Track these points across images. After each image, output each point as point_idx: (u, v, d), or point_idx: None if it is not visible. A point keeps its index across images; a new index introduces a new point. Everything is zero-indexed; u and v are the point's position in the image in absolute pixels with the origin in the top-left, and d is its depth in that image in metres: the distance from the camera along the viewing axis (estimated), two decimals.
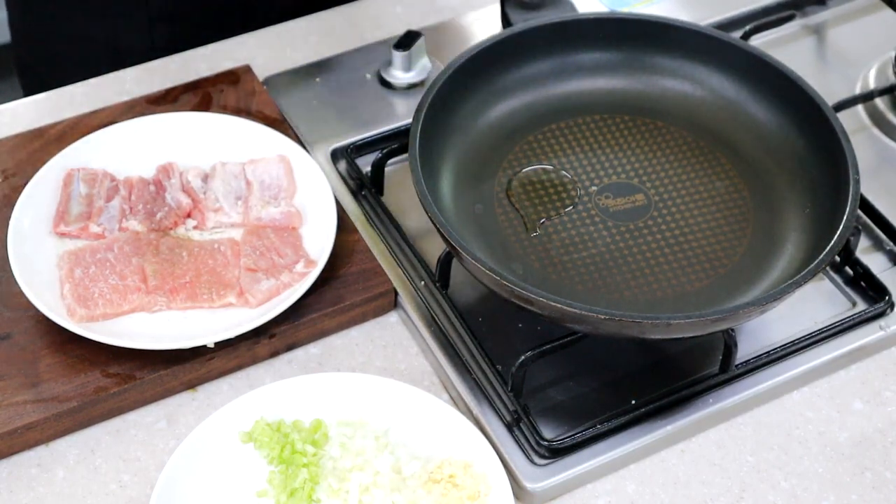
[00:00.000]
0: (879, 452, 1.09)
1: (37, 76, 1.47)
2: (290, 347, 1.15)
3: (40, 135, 1.27)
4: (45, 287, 1.12)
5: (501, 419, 1.08)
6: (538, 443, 1.06)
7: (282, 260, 1.15)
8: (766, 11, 1.43)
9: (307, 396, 1.07)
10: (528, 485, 1.04)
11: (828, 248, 1.04)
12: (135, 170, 1.23)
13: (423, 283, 1.17)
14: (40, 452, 1.08)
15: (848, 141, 1.13)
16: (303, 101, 1.33)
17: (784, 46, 1.42)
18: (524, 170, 1.20)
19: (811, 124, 1.17)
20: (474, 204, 1.16)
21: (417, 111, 1.13)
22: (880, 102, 1.35)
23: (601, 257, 1.13)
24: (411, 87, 1.34)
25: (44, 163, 1.21)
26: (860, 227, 1.20)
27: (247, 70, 1.35)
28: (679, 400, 1.10)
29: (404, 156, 1.15)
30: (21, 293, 1.11)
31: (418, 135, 1.11)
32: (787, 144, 1.20)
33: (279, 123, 1.29)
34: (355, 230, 1.20)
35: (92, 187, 1.20)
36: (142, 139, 1.24)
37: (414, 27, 1.38)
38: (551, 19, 1.23)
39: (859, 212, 1.22)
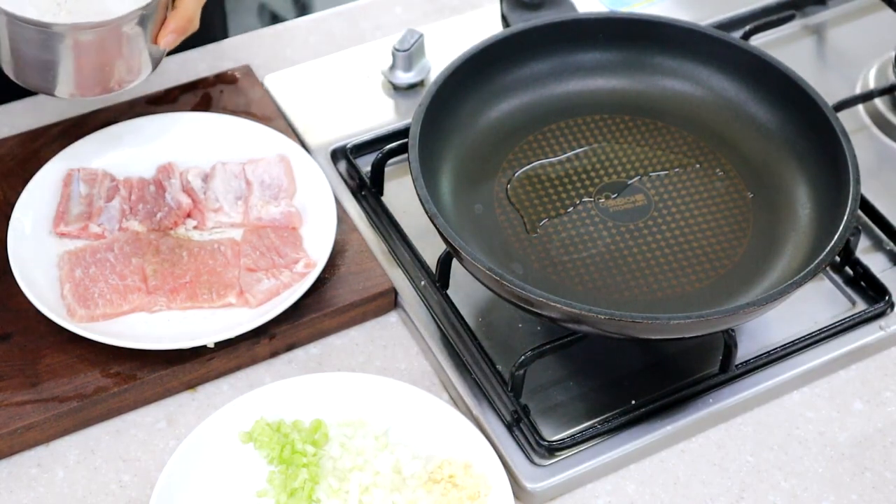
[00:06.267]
0: (879, 452, 1.09)
1: None
2: (290, 347, 1.15)
3: (40, 135, 1.27)
4: (45, 287, 1.12)
5: (501, 419, 1.08)
6: (538, 443, 1.06)
7: (282, 260, 1.15)
8: (766, 11, 1.43)
9: (307, 396, 1.07)
10: (528, 485, 1.04)
11: (828, 248, 1.04)
12: (135, 170, 1.23)
13: (423, 283, 1.17)
14: (40, 452, 1.08)
15: (848, 141, 1.13)
16: (303, 101, 1.33)
17: (784, 46, 1.42)
18: (524, 170, 1.20)
19: (811, 124, 1.17)
20: (474, 204, 1.16)
21: (417, 111, 1.13)
22: (880, 102, 1.35)
23: (601, 257, 1.13)
24: (411, 87, 1.34)
25: (44, 163, 1.21)
26: (860, 227, 1.20)
27: (247, 70, 1.35)
28: (679, 400, 1.10)
29: (404, 156, 1.15)
30: (21, 293, 1.11)
31: (418, 135, 1.11)
32: (787, 145, 1.20)
33: (279, 123, 1.29)
34: (355, 230, 1.20)
35: (92, 187, 1.20)
36: (142, 139, 1.24)
37: (414, 27, 1.38)
38: (551, 19, 1.23)
39: (859, 212, 1.22)
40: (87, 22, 1.06)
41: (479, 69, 1.20)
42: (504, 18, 1.26)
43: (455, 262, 1.12)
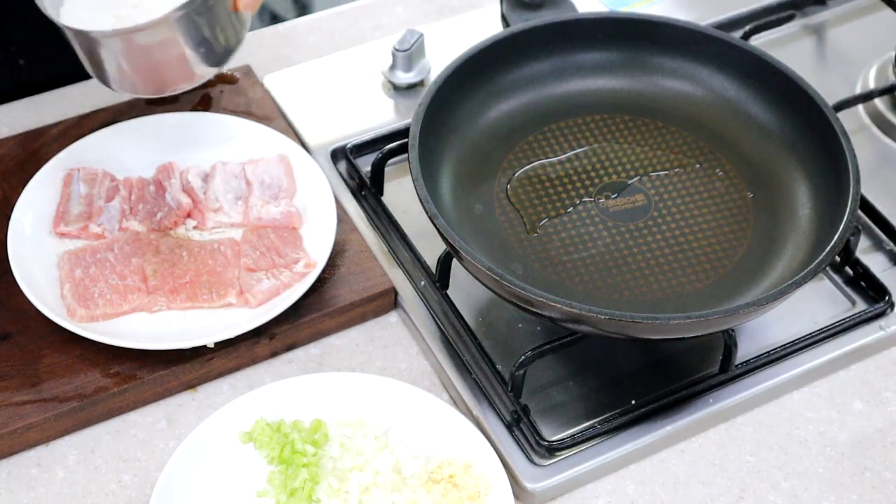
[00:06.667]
0: (879, 452, 1.09)
1: None
2: (290, 347, 1.15)
3: (40, 135, 1.27)
4: (45, 287, 1.12)
5: (501, 419, 1.08)
6: (538, 443, 1.06)
7: (282, 260, 1.15)
8: (766, 11, 1.43)
9: (307, 396, 1.07)
10: (528, 485, 1.04)
11: (828, 248, 1.04)
12: (135, 170, 1.23)
13: (423, 283, 1.17)
14: (40, 452, 1.08)
15: (848, 141, 1.13)
16: (303, 101, 1.33)
17: (784, 46, 1.42)
18: (524, 170, 1.20)
19: (811, 124, 1.17)
20: (474, 204, 1.16)
21: (417, 111, 1.13)
22: (880, 102, 1.35)
23: (601, 257, 1.13)
24: (411, 87, 1.34)
25: (44, 163, 1.21)
26: (860, 227, 1.20)
27: (247, 70, 1.35)
28: (679, 400, 1.10)
29: (404, 156, 1.15)
30: (21, 293, 1.11)
31: (418, 135, 1.11)
32: (787, 145, 1.20)
33: (279, 123, 1.29)
34: (355, 230, 1.20)
35: (92, 187, 1.20)
36: (142, 139, 1.24)
37: (414, 27, 1.38)
38: (551, 19, 1.23)
39: (859, 212, 1.22)
40: (131, 27, 1.04)
41: (479, 69, 1.20)
42: (504, 18, 1.26)
43: (455, 262, 1.12)
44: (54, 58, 1.33)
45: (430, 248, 1.17)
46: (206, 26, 1.07)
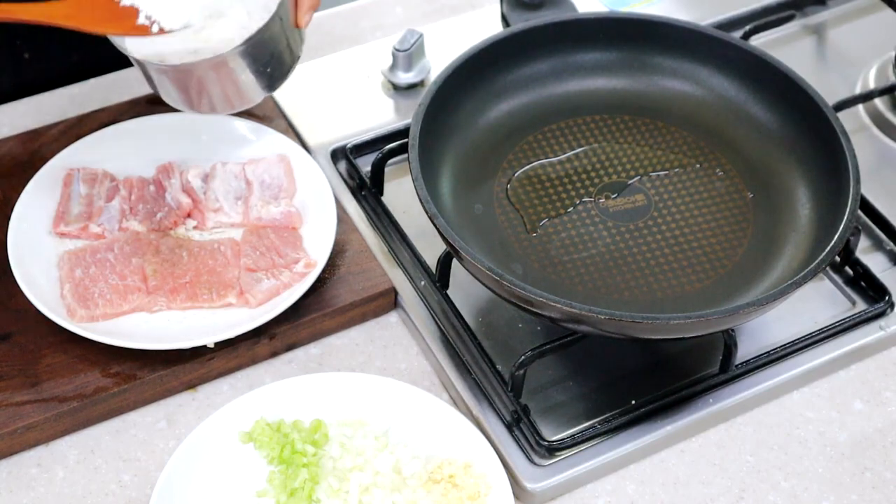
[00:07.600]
0: (879, 452, 1.09)
1: None
2: (290, 347, 1.15)
3: (40, 135, 1.27)
4: (45, 287, 1.12)
5: (501, 419, 1.08)
6: (538, 443, 1.06)
7: (282, 260, 1.15)
8: (766, 11, 1.43)
9: (307, 396, 1.07)
10: (528, 485, 1.04)
11: (828, 248, 1.04)
12: (135, 170, 1.23)
13: (423, 283, 1.17)
14: (40, 452, 1.08)
15: (848, 141, 1.13)
16: (303, 101, 1.33)
17: (784, 46, 1.42)
18: (524, 170, 1.20)
19: (811, 124, 1.17)
20: (474, 204, 1.16)
21: (417, 111, 1.13)
22: (880, 102, 1.35)
23: (601, 257, 1.13)
24: (411, 87, 1.34)
25: (44, 163, 1.21)
26: (860, 227, 1.20)
27: None
28: (679, 400, 1.10)
29: (404, 156, 1.15)
30: (21, 293, 1.11)
31: (418, 135, 1.11)
32: (787, 145, 1.20)
33: (279, 123, 1.29)
34: (355, 230, 1.20)
35: (92, 187, 1.20)
36: (142, 139, 1.24)
37: (414, 27, 1.38)
38: (551, 19, 1.23)
39: (859, 212, 1.22)
40: (189, 62, 1.05)
41: (479, 69, 1.20)
42: (504, 18, 1.26)
43: (455, 262, 1.12)
44: (59, 53, 1.33)
45: (430, 248, 1.17)
46: (268, 52, 1.08)
